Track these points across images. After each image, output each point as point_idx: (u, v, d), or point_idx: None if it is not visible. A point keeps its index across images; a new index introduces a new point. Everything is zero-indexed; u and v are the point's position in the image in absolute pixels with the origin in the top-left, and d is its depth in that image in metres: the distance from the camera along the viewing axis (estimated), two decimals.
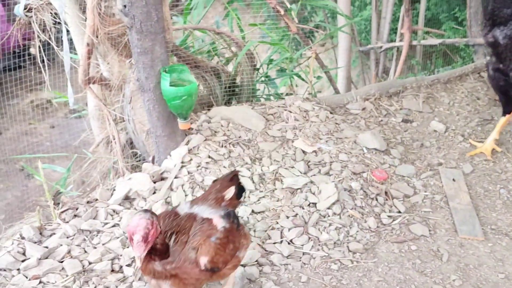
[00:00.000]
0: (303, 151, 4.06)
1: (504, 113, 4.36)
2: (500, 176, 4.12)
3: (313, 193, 3.74)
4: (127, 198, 3.75)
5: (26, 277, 3.19)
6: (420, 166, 4.19)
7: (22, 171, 8.86)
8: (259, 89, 5.12)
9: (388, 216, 3.68)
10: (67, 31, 4.10)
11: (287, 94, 5.04)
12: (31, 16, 3.53)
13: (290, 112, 4.34)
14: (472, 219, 3.68)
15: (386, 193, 3.84)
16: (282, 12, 4.38)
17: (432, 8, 8.58)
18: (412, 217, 3.69)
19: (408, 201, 3.84)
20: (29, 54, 12.16)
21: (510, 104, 4.32)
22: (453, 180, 4.03)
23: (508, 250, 3.46)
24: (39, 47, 11.49)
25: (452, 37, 7.30)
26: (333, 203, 3.65)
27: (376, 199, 3.80)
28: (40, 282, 3.16)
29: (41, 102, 10.85)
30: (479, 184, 4.05)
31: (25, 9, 3.53)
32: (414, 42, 7.04)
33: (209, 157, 3.93)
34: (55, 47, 3.75)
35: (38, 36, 3.61)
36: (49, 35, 3.71)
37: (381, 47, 7.26)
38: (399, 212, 3.73)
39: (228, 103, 4.67)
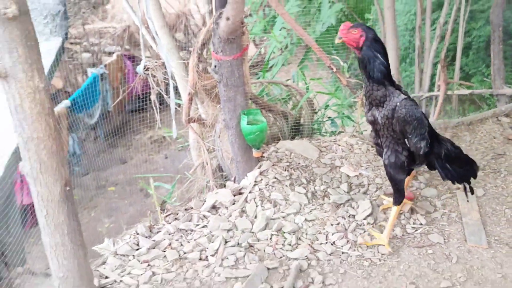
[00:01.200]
0: (347, 175, 4.15)
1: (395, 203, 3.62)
2: (506, 199, 4.09)
3: (353, 207, 3.84)
4: (213, 207, 3.96)
5: (139, 261, 3.46)
6: (441, 190, 4.18)
7: (141, 191, 9.27)
8: (318, 128, 5.29)
9: (412, 227, 3.74)
10: (174, 84, 4.41)
11: (339, 132, 5.16)
12: (148, 74, 3.87)
13: (339, 145, 4.44)
14: (480, 232, 3.71)
15: (411, 209, 3.90)
16: (335, 70, 4.56)
17: (470, 64, 8.60)
18: (431, 228, 3.74)
19: (429, 216, 3.87)
20: (150, 100, 12.71)
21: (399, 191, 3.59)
22: (467, 201, 4.00)
23: (507, 257, 3.48)
24: (157, 94, 12.15)
25: (479, 88, 7.28)
26: (368, 215, 3.75)
27: (404, 214, 3.85)
28: (148, 265, 3.42)
29: (158, 137, 11.24)
30: (488, 205, 4.04)
31: (144, 68, 3.89)
32: (449, 92, 7.06)
33: (275, 178, 4.08)
34: (165, 96, 4.09)
35: (153, 88, 3.95)
36: (161, 87, 4.04)
37: (422, 95, 7.32)
38: (421, 224, 3.77)
39: (292, 138, 4.79)
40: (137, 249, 3.60)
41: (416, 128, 3.32)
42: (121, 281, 3.30)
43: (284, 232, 3.68)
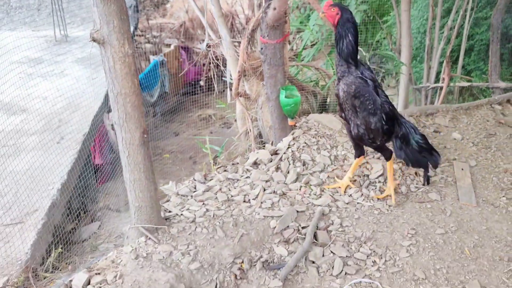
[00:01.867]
0: None
1: (355, 157, 3.74)
2: (494, 169, 4.17)
3: (367, 169, 3.95)
4: (255, 163, 4.09)
5: (195, 200, 3.64)
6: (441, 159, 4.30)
7: (190, 158, 9.44)
8: None
9: (415, 187, 3.84)
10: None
11: None
12: (209, 50, 4.01)
13: None
14: (470, 193, 3.80)
15: (415, 173, 3.98)
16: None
17: (471, 64, 8.51)
18: (431, 188, 3.83)
19: (430, 179, 3.94)
20: (200, 85, 12.94)
21: (358, 149, 3.68)
22: (462, 169, 4.09)
23: (491, 214, 3.59)
24: (205, 80, 12.16)
25: (478, 81, 7.25)
26: (380, 175, 3.85)
27: (409, 176, 3.95)
28: (203, 204, 3.59)
29: (205, 116, 11.42)
30: (479, 173, 4.11)
31: (206, 45, 4.02)
32: (452, 84, 7.05)
33: (305, 143, 4.19)
34: (222, 68, 4.18)
35: (213, 63, 4.09)
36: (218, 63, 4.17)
37: (428, 86, 7.32)
38: (423, 185, 3.86)
39: (320, 112, 4.86)
40: (194, 191, 3.79)
41: (364, 103, 3.23)
42: (181, 214, 3.49)
43: (311, 185, 3.83)
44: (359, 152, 3.69)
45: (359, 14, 6.51)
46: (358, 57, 3.36)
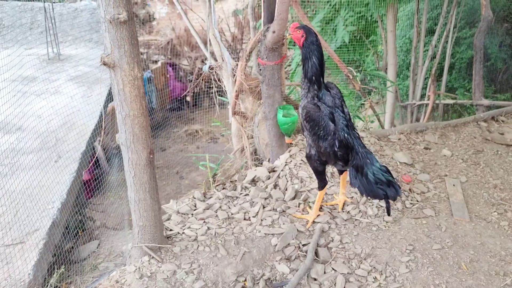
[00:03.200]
0: None
1: (319, 188, 3.58)
2: (484, 185, 4.24)
3: None
4: (253, 180, 4.09)
5: (196, 219, 3.62)
6: (433, 176, 4.31)
7: (177, 173, 9.39)
8: None
9: (410, 203, 3.86)
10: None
11: None
12: (212, 72, 4.02)
13: None
14: (463, 209, 3.86)
15: (410, 189, 4.02)
16: (351, 77, 4.67)
17: (452, 81, 8.68)
18: (425, 204, 3.87)
19: (424, 195, 4.00)
20: (187, 101, 12.92)
21: (320, 180, 3.53)
22: (453, 185, 4.16)
23: (484, 229, 3.64)
24: (192, 97, 12.15)
25: (462, 99, 7.38)
26: None
27: (403, 193, 3.95)
28: (204, 222, 3.58)
29: (192, 131, 11.41)
30: (470, 189, 4.17)
31: (209, 67, 4.03)
32: (437, 101, 7.15)
33: (302, 160, 4.19)
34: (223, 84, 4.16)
35: (215, 85, 4.08)
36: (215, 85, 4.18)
37: (414, 103, 7.43)
38: (417, 201, 3.90)
39: None
40: (194, 209, 3.77)
41: (313, 128, 3.20)
42: (183, 233, 3.47)
43: (309, 202, 3.83)
44: (323, 183, 3.55)
45: (346, 35, 6.60)
46: (326, 80, 3.31)
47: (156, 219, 3.15)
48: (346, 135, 3.19)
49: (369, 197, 3.21)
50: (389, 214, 3.40)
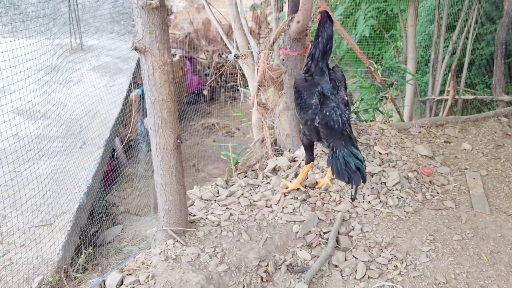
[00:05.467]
0: (379, 153, 4.26)
1: (306, 162, 3.72)
2: (505, 179, 4.24)
3: (384, 177, 3.96)
4: (274, 169, 4.13)
5: (219, 205, 3.68)
6: (453, 169, 4.32)
7: (193, 166, 9.45)
8: (353, 118, 5.37)
9: (430, 195, 3.89)
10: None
11: (371, 121, 5.22)
12: (237, 61, 4.06)
13: (372, 129, 4.54)
14: (483, 201, 3.86)
15: (430, 181, 4.03)
16: (372, 69, 4.69)
17: (472, 78, 8.59)
18: (445, 196, 3.89)
19: (444, 187, 4.01)
20: (203, 95, 12.97)
21: (308, 155, 3.67)
22: (474, 178, 4.16)
23: (505, 221, 3.65)
24: (208, 90, 12.22)
25: (482, 95, 7.31)
26: (396, 183, 3.87)
27: (424, 185, 3.98)
28: (227, 208, 3.64)
29: (208, 124, 11.46)
30: (491, 182, 4.18)
31: (234, 56, 4.08)
32: (456, 97, 7.11)
33: (322, 150, 4.22)
34: (240, 86, 4.24)
35: (240, 74, 4.14)
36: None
37: (434, 98, 7.38)
38: (437, 193, 3.92)
39: None
40: (217, 196, 3.83)
41: (297, 99, 3.41)
42: (206, 218, 3.52)
43: (330, 191, 3.86)
44: (309, 158, 3.68)
45: (367, 29, 6.59)
46: (332, 64, 3.44)
47: (181, 204, 3.20)
48: (328, 113, 3.24)
49: (337, 178, 3.21)
50: (352, 200, 3.42)
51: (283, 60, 3.97)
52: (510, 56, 7.97)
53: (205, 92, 13.07)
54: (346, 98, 3.42)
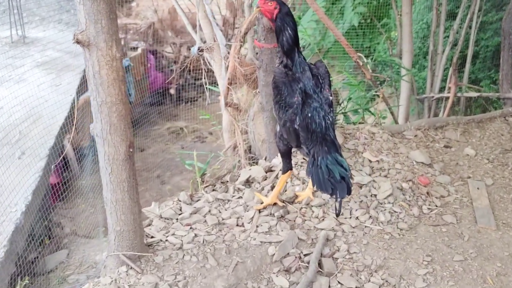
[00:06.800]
0: (369, 160, 4.24)
1: (282, 172, 3.73)
2: None
3: (375, 188, 3.95)
4: (247, 181, 4.08)
5: (181, 224, 3.61)
6: (454, 177, 4.33)
7: (158, 177, 9.38)
8: (339, 120, 5.39)
9: (428, 208, 3.88)
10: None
11: (360, 123, 5.21)
12: (202, 54, 4.02)
13: (362, 133, 4.52)
14: (489, 215, 3.87)
15: (427, 193, 4.03)
16: (361, 64, 4.69)
17: (476, 72, 8.73)
18: (445, 210, 3.89)
19: (443, 200, 4.02)
20: (169, 94, 12.87)
21: (286, 163, 3.68)
22: (477, 188, 4.17)
23: None
24: (176, 89, 12.21)
25: (487, 92, 7.42)
26: (389, 195, 3.86)
27: (420, 196, 3.99)
28: (191, 228, 3.58)
29: (175, 129, 11.38)
30: (497, 193, 4.20)
31: (198, 49, 4.04)
32: (458, 94, 7.18)
33: (303, 158, 4.18)
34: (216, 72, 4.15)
35: (205, 70, 4.09)
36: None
37: (433, 96, 7.45)
38: (436, 206, 3.91)
39: None
40: (180, 214, 3.76)
41: (276, 96, 3.39)
42: (166, 240, 3.46)
43: (312, 206, 3.84)
44: (286, 166, 3.68)
45: (356, 17, 6.63)
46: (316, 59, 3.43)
47: (136, 224, 3.15)
48: (310, 114, 3.24)
49: (319, 190, 3.22)
50: (337, 215, 3.37)
51: (257, 53, 3.94)
52: None
53: (171, 91, 12.99)
54: (330, 97, 3.42)
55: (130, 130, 2.89)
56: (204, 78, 4.07)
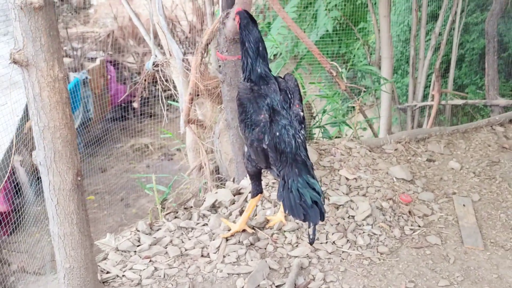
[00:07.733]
0: (346, 178, 4.28)
1: (252, 195, 3.73)
2: (501, 204, 4.34)
3: (352, 209, 3.98)
4: (213, 206, 4.09)
5: (140, 257, 3.59)
6: (438, 194, 4.39)
7: (121, 201, 9.29)
8: (315, 133, 5.43)
9: (410, 229, 3.92)
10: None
11: (336, 137, 5.27)
12: (157, 70, 4.02)
13: (337, 149, 4.57)
14: (476, 234, 3.92)
15: (409, 212, 4.08)
16: (334, 74, 4.74)
17: (462, 77, 8.86)
18: (429, 230, 3.93)
19: (427, 219, 4.07)
20: (133, 108, 12.79)
21: (255, 185, 3.68)
22: (463, 205, 4.23)
23: (502, 258, 3.70)
24: (139, 103, 12.10)
25: (473, 98, 7.53)
26: (367, 216, 3.89)
27: (402, 216, 4.03)
28: (150, 261, 3.55)
29: (140, 146, 11.29)
30: (484, 209, 4.26)
31: (153, 64, 4.04)
32: (443, 102, 7.28)
33: (274, 179, 4.21)
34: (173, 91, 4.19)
35: (161, 86, 4.10)
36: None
37: (415, 105, 7.55)
38: (419, 226, 3.96)
39: None
40: (138, 245, 3.74)
41: (241, 115, 3.39)
42: (123, 276, 3.43)
43: (284, 231, 3.84)
44: (256, 189, 3.68)
45: (330, 22, 6.70)
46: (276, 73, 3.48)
47: (88, 259, 3.11)
48: (278, 133, 3.22)
49: (291, 216, 3.16)
50: (310, 243, 3.29)
51: (220, 66, 3.96)
52: (506, 50, 8.28)
53: (135, 105, 12.91)
54: (301, 113, 3.42)
55: (77, 157, 2.86)
56: (160, 94, 4.06)
